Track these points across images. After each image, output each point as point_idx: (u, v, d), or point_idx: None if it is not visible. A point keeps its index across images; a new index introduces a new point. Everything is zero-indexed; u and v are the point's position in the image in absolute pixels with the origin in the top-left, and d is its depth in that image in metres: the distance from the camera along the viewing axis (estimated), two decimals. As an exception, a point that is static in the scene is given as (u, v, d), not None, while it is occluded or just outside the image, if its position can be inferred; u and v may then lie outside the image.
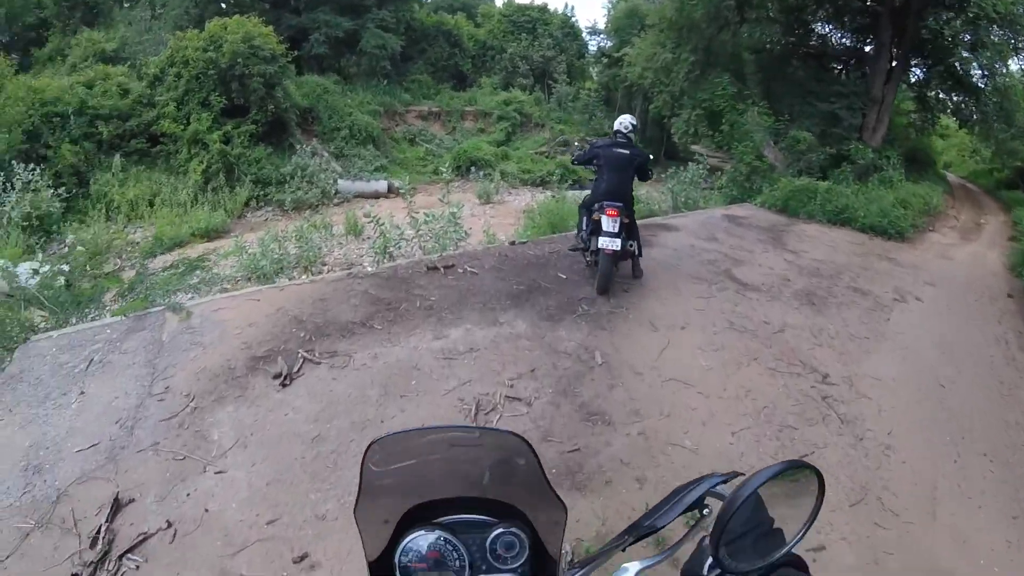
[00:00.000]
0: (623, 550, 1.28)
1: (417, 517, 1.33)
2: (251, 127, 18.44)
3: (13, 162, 14.38)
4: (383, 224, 10.21)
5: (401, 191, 17.30)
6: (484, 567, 1.30)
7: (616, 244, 6.89)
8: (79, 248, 13.03)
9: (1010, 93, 18.06)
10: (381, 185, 19.25)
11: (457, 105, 27.57)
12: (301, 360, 5.58)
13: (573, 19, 35.17)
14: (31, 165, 14.51)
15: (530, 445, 1.28)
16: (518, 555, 1.30)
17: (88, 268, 11.90)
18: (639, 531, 1.27)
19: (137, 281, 8.06)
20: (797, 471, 1.21)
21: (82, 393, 5.23)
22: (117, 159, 16.80)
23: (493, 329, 6.25)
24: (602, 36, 34.27)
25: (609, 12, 34.41)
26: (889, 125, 18.85)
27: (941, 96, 20.78)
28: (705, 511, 1.32)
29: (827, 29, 21.81)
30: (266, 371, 5.43)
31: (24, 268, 8.67)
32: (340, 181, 18.89)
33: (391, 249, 10.02)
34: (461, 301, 6.90)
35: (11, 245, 12.13)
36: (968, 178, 29.23)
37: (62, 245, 13.43)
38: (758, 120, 16.30)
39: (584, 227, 7.60)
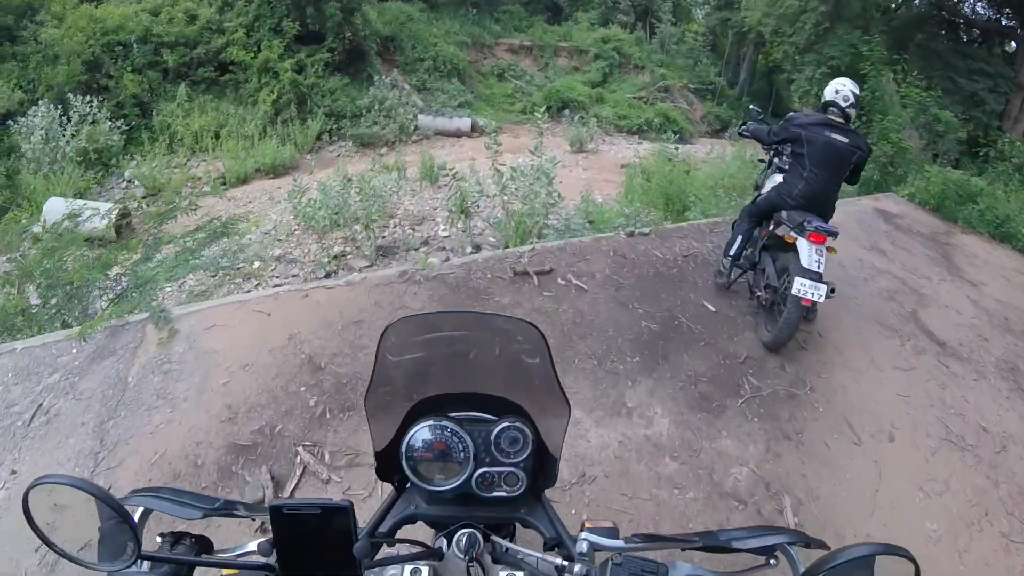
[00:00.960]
0: (683, 549, 1.17)
1: (424, 411, 1.31)
2: (326, 55, 16.27)
3: (70, 95, 13.04)
4: (462, 179, 8.71)
5: (485, 131, 15.09)
6: (487, 459, 1.28)
7: (820, 293, 4.25)
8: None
9: None
10: (464, 123, 16.95)
11: (551, 40, 24.43)
12: (300, 469, 3.26)
13: (681, -47, 31.21)
14: (88, 97, 13.18)
15: (543, 336, 1.25)
16: (521, 450, 1.29)
17: (144, 206, 10.74)
18: (708, 540, 1.14)
19: (143, 259, 5.87)
20: (889, 557, 0.95)
21: (13, 472, 3.50)
22: (182, 88, 15.02)
23: (617, 424, 3.74)
24: (714, -25, 30.49)
25: (723, -52, 30.48)
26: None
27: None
28: (772, 562, 1.13)
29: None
30: (244, 479, 3.17)
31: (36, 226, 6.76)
32: (420, 116, 16.68)
33: (468, 206, 8.42)
34: (564, 348, 4.38)
35: (64, 182, 11.07)
36: None
37: (121, 179, 12.32)
38: (899, 91, 13.07)
39: (742, 240, 5.26)
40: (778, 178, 5.09)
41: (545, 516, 1.31)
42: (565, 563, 1.12)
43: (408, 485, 1.32)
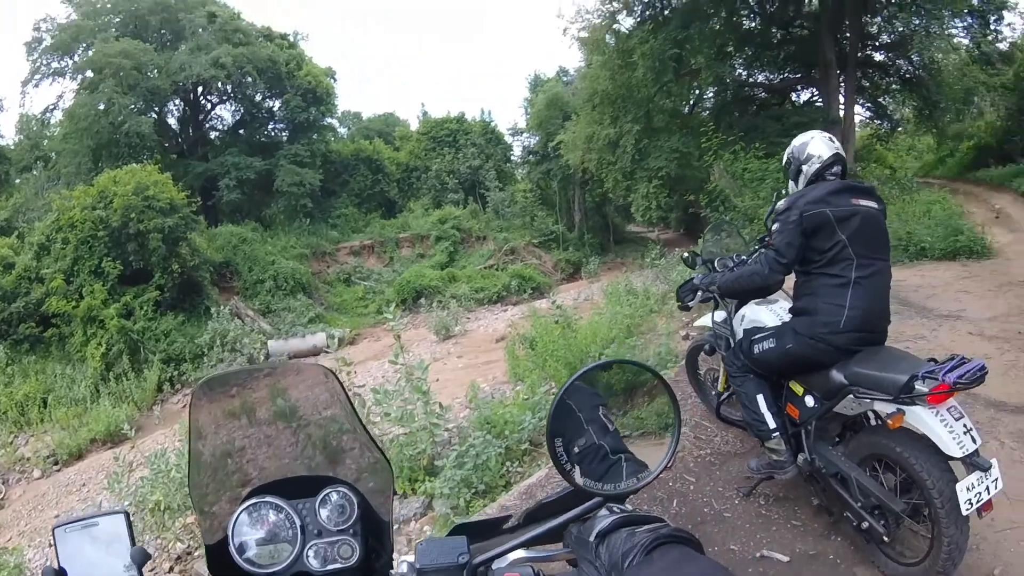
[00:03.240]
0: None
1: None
2: (154, 294, 15.43)
3: None
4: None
5: (327, 348, 14.37)
6: (317, 532, 1.24)
7: (995, 480, 2.61)
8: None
9: (943, 77, 18.09)
10: (319, 339, 16.15)
11: (390, 233, 25.04)
12: None
13: (492, 123, 33.21)
14: None
15: (338, 379, 1.28)
16: (348, 517, 1.25)
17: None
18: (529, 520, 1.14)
19: None
20: (633, 371, 1.10)
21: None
22: (0, 350, 13.79)
23: None
24: (525, 135, 32.53)
25: (527, 109, 32.81)
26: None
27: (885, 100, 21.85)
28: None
29: (750, 72, 22.13)
30: None
31: None
32: (270, 343, 15.90)
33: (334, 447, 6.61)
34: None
35: None
36: (920, 175, 25.86)
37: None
38: (744, 169, 13.81)
39: (768, 400, 3.31)
40: (775, 308, 3.55)
41: None
42: None
43: None
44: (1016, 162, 19.56)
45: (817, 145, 3.30)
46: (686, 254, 4.28)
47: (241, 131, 27.14)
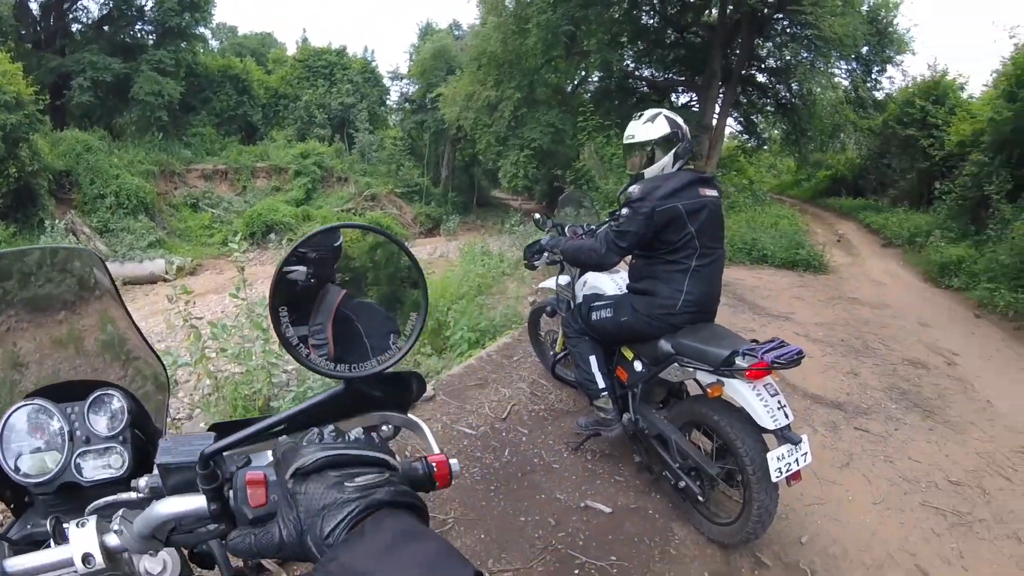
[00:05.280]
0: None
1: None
2: None
3: None
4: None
5: (167, 275, 14.36)
6: (85, 438, 1.19)
7: (805, 454, 2.80)
8: None
9: (816, 110, 19.78)
10: (157, 265, 15.87)
11: (247, 161, 24.16)
12: None
13: (373, 63, 32.73)
14: None
15: (107, 269, 1.30)
16: (118, 423, 1.21)
17: None
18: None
19: None
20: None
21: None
22: None
23: None
24: (405, 81, 32.68)
25: (412, 56, 32.79)
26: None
27: (757, 119, 23.45)
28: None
29: (637, 65, 23.10)
30: None
31: None
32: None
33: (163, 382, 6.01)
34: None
35: None
36: (775, 192, 27.62)
37: None
38: (612, 151, 15.01)
39: (600, 362, 3.61)
40: (616, 278, 3.76)
41: None
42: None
43: (26, 499, 1.20)
44: (866, 197, 21.85)
45: (663, 122, 3.41)
46: (537, 216, 4.45)
47: (105, 27, 24.89)
